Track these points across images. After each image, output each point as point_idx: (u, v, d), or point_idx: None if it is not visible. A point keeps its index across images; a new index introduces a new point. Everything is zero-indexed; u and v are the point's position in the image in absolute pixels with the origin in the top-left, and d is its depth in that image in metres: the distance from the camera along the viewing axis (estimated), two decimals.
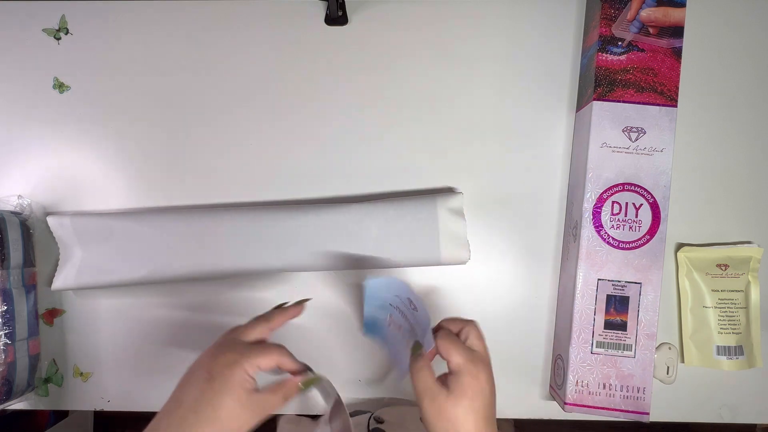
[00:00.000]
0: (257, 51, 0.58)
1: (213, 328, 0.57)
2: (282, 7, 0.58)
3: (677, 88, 0.51)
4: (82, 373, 0.58)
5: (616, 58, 0.51)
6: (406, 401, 0.57)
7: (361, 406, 0.57)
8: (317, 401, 0.57)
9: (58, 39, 0.58)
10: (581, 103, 0.56)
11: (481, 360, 0.40)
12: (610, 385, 0.51)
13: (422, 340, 0.41)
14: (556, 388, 0.55)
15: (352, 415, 0.56)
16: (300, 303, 0.44)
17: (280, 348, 0.40)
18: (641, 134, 0.51)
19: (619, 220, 0.51)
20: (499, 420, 0.63)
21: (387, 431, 0.51)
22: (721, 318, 0.56)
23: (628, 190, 0.51)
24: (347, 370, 0.57)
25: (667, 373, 0.56)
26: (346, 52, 0.58)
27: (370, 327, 0.50)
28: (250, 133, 0.58)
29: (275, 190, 0.58)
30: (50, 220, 0.54)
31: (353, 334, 0.57)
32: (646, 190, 0.51)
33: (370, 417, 0.54)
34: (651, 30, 0.51)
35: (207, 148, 0.58)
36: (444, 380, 0.40)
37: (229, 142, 0.58)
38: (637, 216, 0.51)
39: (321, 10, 0.57)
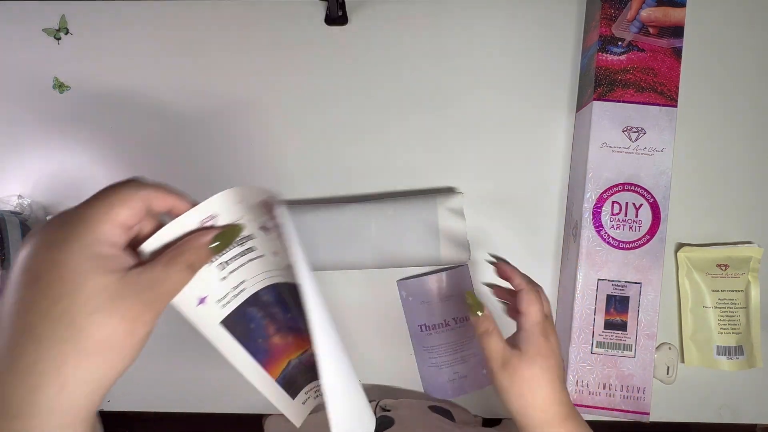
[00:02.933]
0: (257, 51, 0.58)
1: None
2: (282, 7, 0.58)
3: (677, 88, 0.51)
4: None
5: (616, 58, 0.51)
6: (411, 392, 0.58)
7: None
8: None
9: (58, 39, 0.58)
10: (581, 103, 0.56)
11: (551, 321, 0.40)
12: (610, 385, 0.51)
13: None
14: None
15: None
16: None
17: (151, 184, 0.25)
18: (641, 134, 0.51)
19: (619, 220, 0.51)
20: (506, 420, 0.63)
21: (395, 419, 0.51)
22: (721, 318, 0.56)
23: (628, 190, 0.51)
24: None
25: (667, 373, 0.56)
26: (346, 52, 0.58)
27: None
28: (249, 133, 0.58)
29: (274, 190, 0.58)
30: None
31: (352, 332, 0.57)
32: (646, 190, 0.51)
33: (377, 404, 0.54)
34: (651, 30, 0.51)
35: (206, 148, 0.58)
36: (512, 341, 0.39)
37: (229, 142, 0.58)
38: (637, 216, 0.51)
39: (321, 10, 0.57)
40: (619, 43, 0.51)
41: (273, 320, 0.33)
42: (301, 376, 0.36)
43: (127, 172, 0.58)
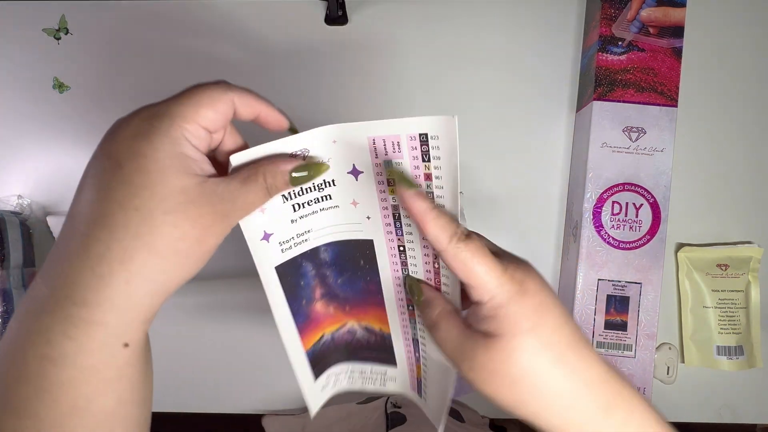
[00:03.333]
0: (257, 51, 0.58)
1: (214, 327, 0.57)
2: (282, 7, 0.58)
3: (677, 88, 0.51)
4: None
5: (616, 58, 0.51)
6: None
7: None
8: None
9: (58, 39, 0.58)
10: (581, 103, 0.56)
11: (519, 264, 0.26)
12: None
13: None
14: None
15: (365, 401, 0.55)
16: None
17: (239, 87, 0.24)
18: (641, 134, 0.51)
19: (619, 220, 0.51)
20: (506, 421, 0.63)
21: (407, 415, 0.50)
22: (721, 318, 0.56)
23: (628, 190, 0.51)
24: None
25: (668, 373, 0.56)
26: (346, 52, 0.58)
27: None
28: (249, 132, 0.58)
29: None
30: (50, 220, 0.54)
31: None
32: (646, 190, 0.51)
33: (387, 401, 0.54)
34: (651, 30, 0.51)
35: None
36: (476, 317, 0.25)
37: None
38: (637, 216, 0.51)
39: (321, 10, 0.57)
40: (619, 43, 0.51)
41: (322, 283, 0.31)
42: (329, 355, 0.33)
43: None
